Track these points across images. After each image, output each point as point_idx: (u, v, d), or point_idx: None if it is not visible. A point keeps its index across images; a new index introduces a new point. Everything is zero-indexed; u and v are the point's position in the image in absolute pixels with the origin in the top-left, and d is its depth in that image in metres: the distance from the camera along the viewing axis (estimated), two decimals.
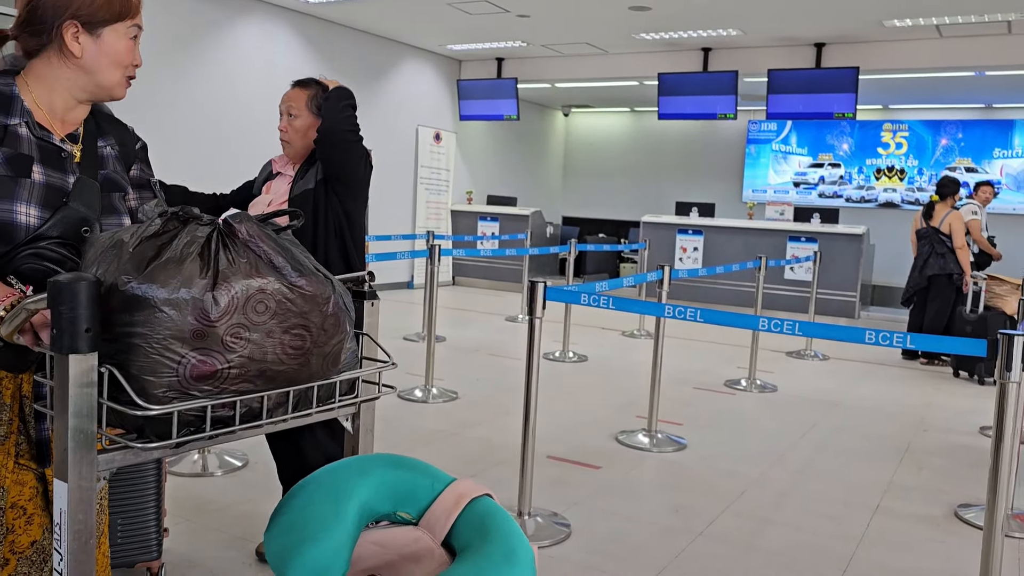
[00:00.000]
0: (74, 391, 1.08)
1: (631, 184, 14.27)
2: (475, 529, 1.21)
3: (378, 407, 4.27)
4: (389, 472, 1.27)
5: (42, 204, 1.47)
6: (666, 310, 2.95)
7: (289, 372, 1.21)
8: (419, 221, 11.19)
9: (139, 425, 1.15)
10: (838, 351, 7.57)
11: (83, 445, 1.10)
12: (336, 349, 1.28)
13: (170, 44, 7.73)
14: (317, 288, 1.23)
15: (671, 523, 3.34)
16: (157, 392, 1.12)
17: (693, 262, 10.03)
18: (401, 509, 1.25)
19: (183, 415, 1.14)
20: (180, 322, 1.11)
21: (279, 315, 1.18)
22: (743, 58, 9.70)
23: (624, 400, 5.34)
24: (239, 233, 1.19)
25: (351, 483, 1.23)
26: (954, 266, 7.12)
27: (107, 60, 1.52)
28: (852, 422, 5.15)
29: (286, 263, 1.21)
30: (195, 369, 1.13)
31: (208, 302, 1.12)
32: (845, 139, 12.57)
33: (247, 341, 1.15)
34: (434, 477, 1.29)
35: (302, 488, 1.25)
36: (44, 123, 1.53)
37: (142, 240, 1.17)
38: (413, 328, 7.64)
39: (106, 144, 1.66)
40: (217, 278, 1.13)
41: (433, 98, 11.35)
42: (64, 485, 1.10)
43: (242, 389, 1.18)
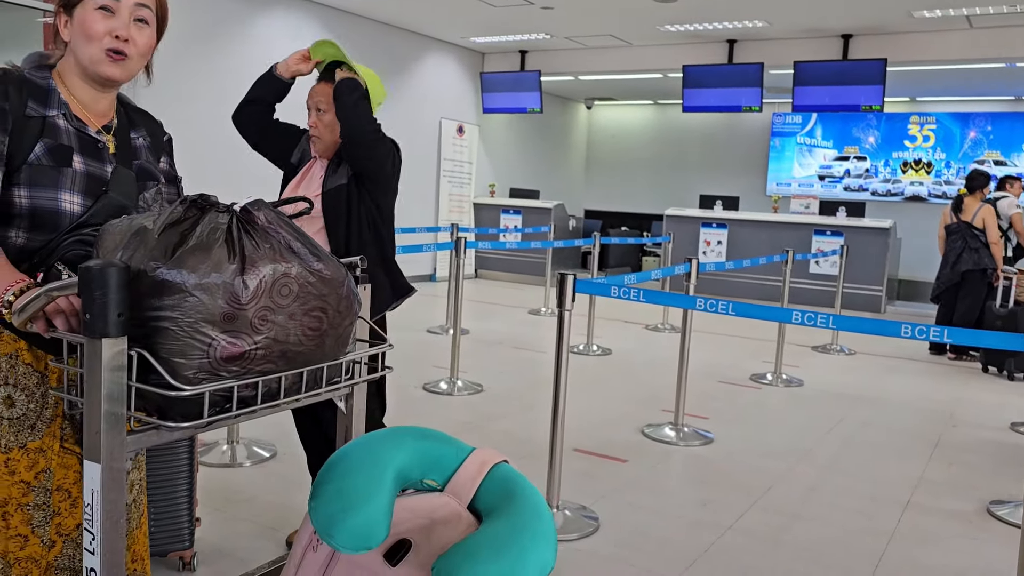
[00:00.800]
0: (106, 375, 1.11)
1: (654, 177, 14.20)
2: (499, 492, 1.29)
3: (404, 399, 4.32)
4: (418, 442, 1.35)
5: (84, 192, 1.51)
6: (697, 303, 2.94)
7: (307, 353, 1.27)
8: (442, 214, 11.20)
9: (162, 406, 1.19)
10: (864, 346, 7.50)
11: (114, 427, 1.13)
12: (347, 331, 1.35)
13: (193, 38, 7.79)
14: (334, 271, 1.29)
15: (699, 517, 3.33)
16: (187, 374, 1.16)
17: (717, 256, 9.97)
18: (428, 477, 1.33)
19: (210, 396, 1.18)
20: (211, 306, 1.15)
21: (301, 298, 1.23)
22: (769, 50, 9.61)
23: (649, 394, 5.33)
24: (258, 220, 1.23)
25: (387, 453, 1.30)
26: (988, 261, 7.00)
27: (80, 37, 1.53)
28: (880, 417, 5.11)
29: (303, 248, 1.25)
30: (225, 351, 1.17)
31: (238, 286, 1.16)
32: (871, 132, 12.43)
33: (273, 323, 1.20)
34: (457, 446, 1.37)
35: (342, 459, 1.32)
36: (80, 115, 1.57)
37: (166, 227, 1.20)
38: (436, 321, 7.66)
39: (138, 135, 1.70)
40: (245, 263, 1.17)
41: (456, 91, 11.35)
42: (96, 466, 1.13)
43: (265, 370, 1.23)
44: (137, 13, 1.55)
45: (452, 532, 1.26)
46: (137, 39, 1.56)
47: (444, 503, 1.30)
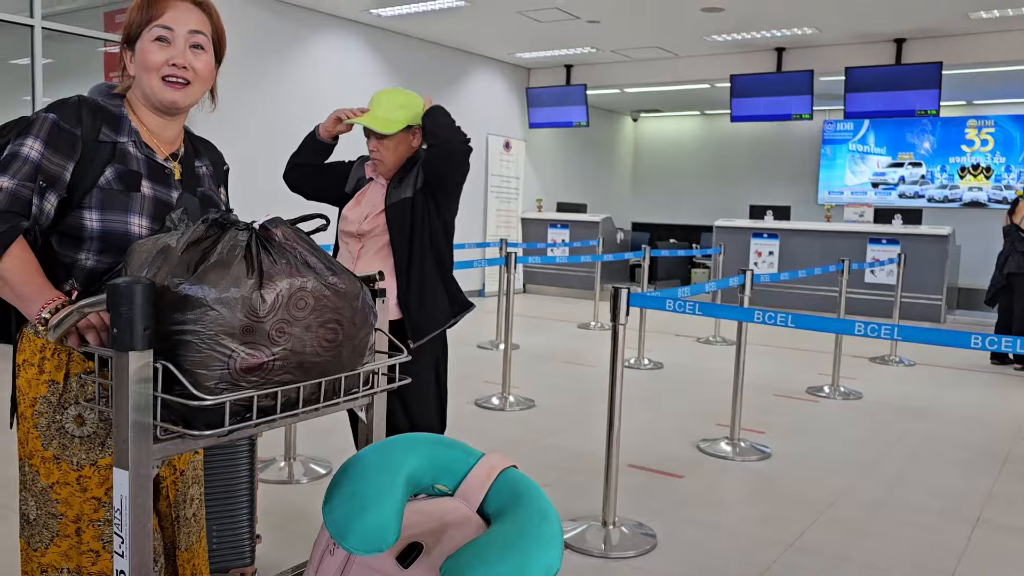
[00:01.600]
0: (133, 386, 1.17)
1: (702, 188, 14.07)
2: (507, 496, 1.32)
3: (456, 415, 4.32)
4: (429, 448, 1.39)
5: (152, 216, 1.57)
6: (755, 315, 2.89)
7: (324, 363, 1.33)
8: (489, 229, 11.24)
9: (187, 416, 1.24)
10: (924, 356, 7.29)
11: (141, 436, 1.19)
12: (363, 342, 1.40)
13: (245, 61, 7.97)
14: (349, 285, 1.35)
15: (759, 534, 3.26)
16: (209, 384, 1.22)
17: (769, 266, 9.81)
18: (439, 482, 1.37)
19: (232, 405, 1.24)
20: (231, 319, 1.21)
21: (316, 310, 1.29)
22: (819, 57, 9.47)
23: (703, 408, 5.25)
24: (275, 237, 1.29)
25: (400, 457, 1.35)
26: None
27: (141, 68, 1.59)
28: (944, 430, 4.95)
29: (319, 262, 1.31)
30: (244, 362, 1.22)
31: (256, 300, 1.22)
32: (926, 137, 12.14)
33: (290, 335, 1.26)
34: (467, 452, 1.41)
35: (356, 463, 1.37)
36: (149, 142, 1.63)
37: (188, 245, 1.26)
38: (486, 336, 7.67)
39: (202, 164, 1.77)
40: (263, 278, 1.24)
41: (502, 106, 11.41)
42: (124, 473, 1.18)
43: (284, 380, 1.28)
44: (192, 40, 1.60)
45: (462, 535, 1.29)
46: (195, 64, 1.61)
47: (455, 507, 1.34)
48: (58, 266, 1.53)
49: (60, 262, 1.53)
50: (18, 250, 1.46)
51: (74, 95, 1.61)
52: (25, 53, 6.66)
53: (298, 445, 3.92)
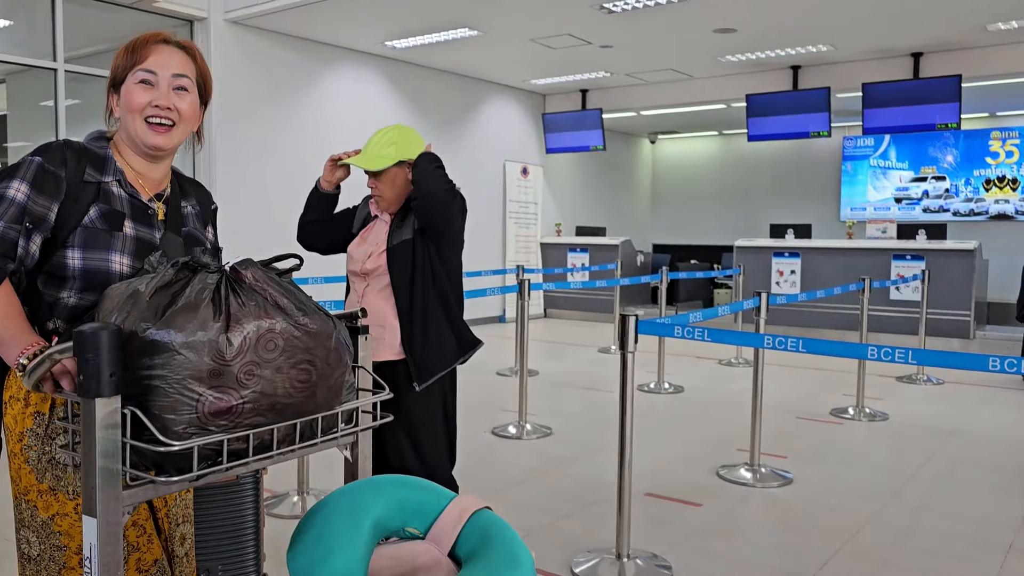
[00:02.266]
0: (100, 433, 1.16)
1: (722, 208, 13.98)
2: (479, 539, 1.31)
3: (472, 445, 4.28)
4: (399, 491, 1.38)
5: (133, 255, 1.59)
6: (765, 341, 2.82)
7: (297, 404, 1.32)
8: (509, 255, 11.24)
9: (158, 462, 1.24)
10: (953, 374, 7.13)
11: (109, 483, 1.18)
12: (339, 381, 1.38)
13: (262, 96, 8.07)
14: (321, 325, 1.34)
15: (780, 565, 3.16)
16: (178, 429, 1.22)
17: (791, 286, 9.68)
18: (409, 524, 1.36)
19: (201, 449, 1.23)
20: (198, 363, 1.21)
21: (287, 352, 1.29)
22: (835, 73, 9.39)
23: (724, 432, 5.16)
24: (246, 279, 1.29)
25: (366, 501, 1.34)
26: None
27: (125, 111, 1.63)
28: (974, 452, 4.81)
29: (290, 303, 1.31)
30: (212, 406, 1.22)
31: (223, 343, 1.22)
32: (949, 150, 11.97)
33: (259, 377, 1.26)
34: (439, 493, 1.40)
35: (322, 507, 1.36)
36: (133, 182, 1.66)
37: (157, 289, 1.27)
38: (506, 363, 7.63)
39: (188, 204, 1.78)
40: (230, 321, 1.24)
41: (519, 133, 11.44)
42: (93, 521, 1.17)
43: (255, 422, 1.27)
44: (176, 83, 1.64)
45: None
46: (179, 106, 1.64)
47: (425, 550, 1.32)
48: (43, 305, 1.57)
49: (44, 301, 1.57)
50: (2, 293, 1.49)
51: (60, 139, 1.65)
52: (51, 95, 6.80)
53: (311, 479, 3.89)
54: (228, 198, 7.66)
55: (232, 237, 8.05)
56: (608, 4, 7.13)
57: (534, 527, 3.52)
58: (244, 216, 7.70)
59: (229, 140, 7.68)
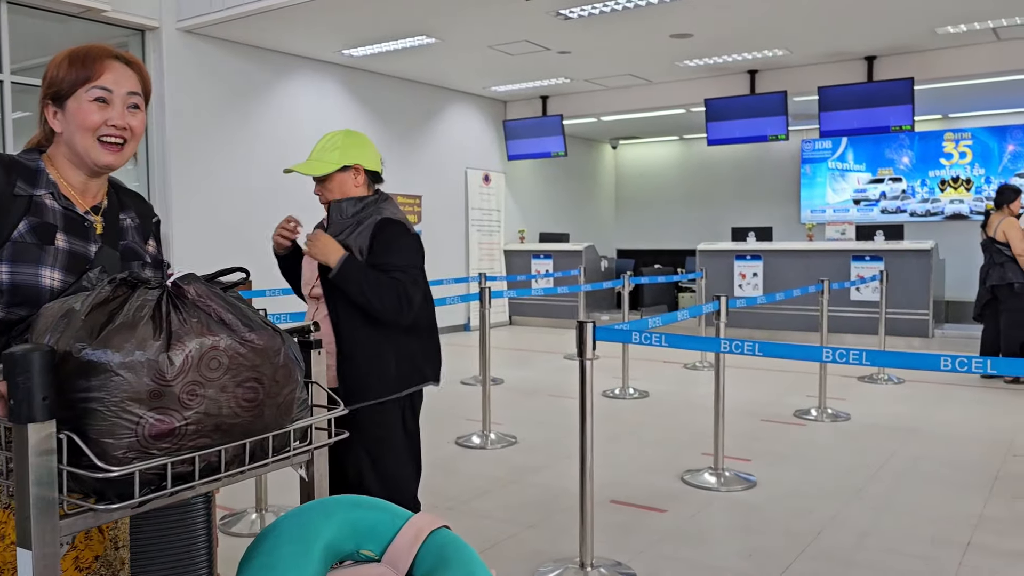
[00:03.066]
0: (33, 459, 1.09)
1: (684, 213, 14.08)
2: (435, 560, 1.26)
3: (437, 456, 4.19)
4: (351, 512, 1.33)
5: (66, 269, 1.54)
6: (722, 345, 2.81)
7: (244, 424, 1.25)
8: (472, 263, 11.19)
9: (98, 488, 1.18)
10: (913, 374, 7.22)
11: (45, 513, 1.11)
12: (288, 399, 1.32)
13: (220, 106, 7.94)
14: (267, 341, 1.28)
15: (745, 569, 3.15)
16: (117, 454, 1.15)
17: (753, 288, 9.77)
18: (364, 547, 1.30)
19: (143, 474, 1.17)
20: (136, 384, 1.15)
21: (232, 370, 1.22)
22: (791, 77, 9.51)
23: (688, 437, 5.16)
24: (188, 294, 1.23)
25: (316, 525, 1.28)
26: (1014, 275, 6.93)
27: (74, 128, 1.58)
28: (934, 450, 4.87)
29: (235, 319, 1.25)
30: (153, 428, 1.16)
31: (163, 362, 1.16)
32: (905, 152, 12.18)
33: (203, 397, 1.19)
34: (393, 513, 1.34)
35: (269, 533, 1.30)
36: (68, 195, 1.61)
37: (93, 307, 1.20)
38: (471, 371, 7.57)
39: (127, 216, 1.72)
40: (171, 339, 1.18)
41: (480, 140, 11.41)
42: (28, 554, 1.10)
43: (200, 444, 1.21)
44: (130, 101, 1.61)
45: None
46: (132, 124, 1.61)
47: (380, 574, 1.27)
48: None
49: None
50: None
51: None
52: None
53: (269, 496, 3.81)
54: (182, 212, 7.52)
55: (187, 252, 7.90)
56: (564, 10, 7.14)
57: (499, 538, 3.48)
58: (199, 230, 7.56)
59: (183, 152, 7.54)
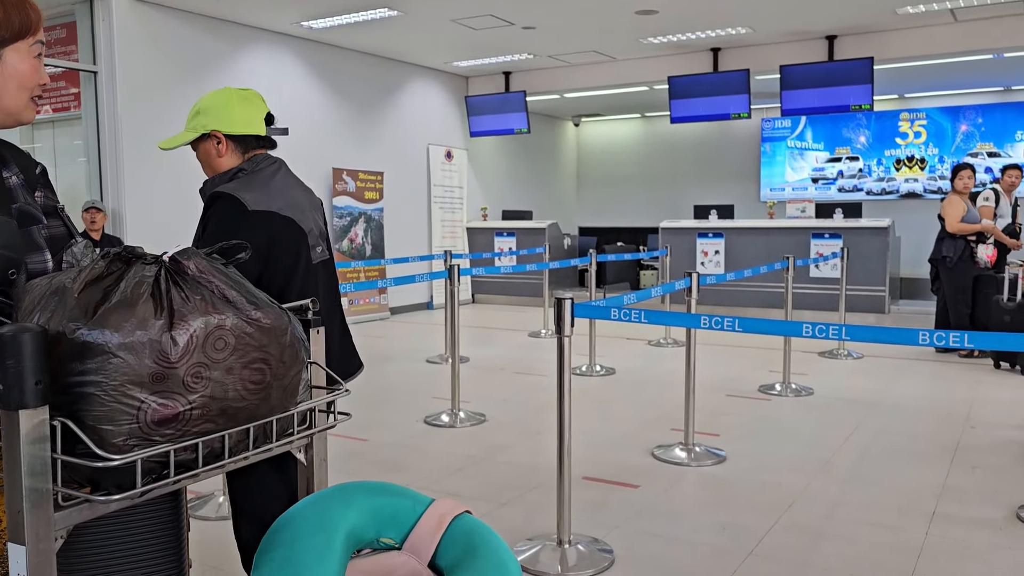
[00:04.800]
0: (26, 448, 1.02)
1: (647, 190, 14.13)
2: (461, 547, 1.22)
3: (405, 435, 4.10)
4: (370, 498, 1.27)
5: None
6: (702, 321, 2.81)
7: (250, 408, 1.19)
8: (435, 240, 11.10)
9: (94, 477, 1.10)
10: (871, 348, 7.36)
11: (38, 505, 1.04)
12: (295, 381, 1.26)
13: (177, 79, 7.70)
14: (274, 320, 1.20)
15: (719, 543, 3.18)
16: (117, 441, 1.08)
17: (715, 265, 9.85)
18: (384, 535, 1.25)
19: (144, 462, 1.10)
20: (137, 366, 1.07)
21: (238, 350, 1.15)
22: (754, 56, 9.56)
23: (657, 413, 5.18)
24: (188, 270, 1.15)
25: (336, 513, 1.23)
26: (947, 249, 7.21)
27: (12, 83, 1.40)
28: (895, 423, 4.96)
29: (239, 296, 1.18)
30: (156, 413, 1.09)
31: (167, 343, 1.08)
32: (862, 131, 12.37)
33: (208, 380, 1.12)
34: (414, 499, 1.29)
35: (287, 523, 1.24)
36: None
37: (87, 284, 1.12)
38: (435, 350, 7.52)
39: (11, 174, 1.50)
40: (173, 318, 1.10)
41: (442, 116, 11.28)
42: (21, 548, 1.03)
43: (204, 429, 1.14)
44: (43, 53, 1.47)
45: None
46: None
47: (403, 562, 1.23)
48: None
49: None
50: None
51: None
52: None
53: None
54: (135, 188, 7.30)
55: (141, 228, 7.66)
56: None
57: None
58: (152, 207, 7.35)
59: (135, 127, 7.30)
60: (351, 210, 9.65)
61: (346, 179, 9.58)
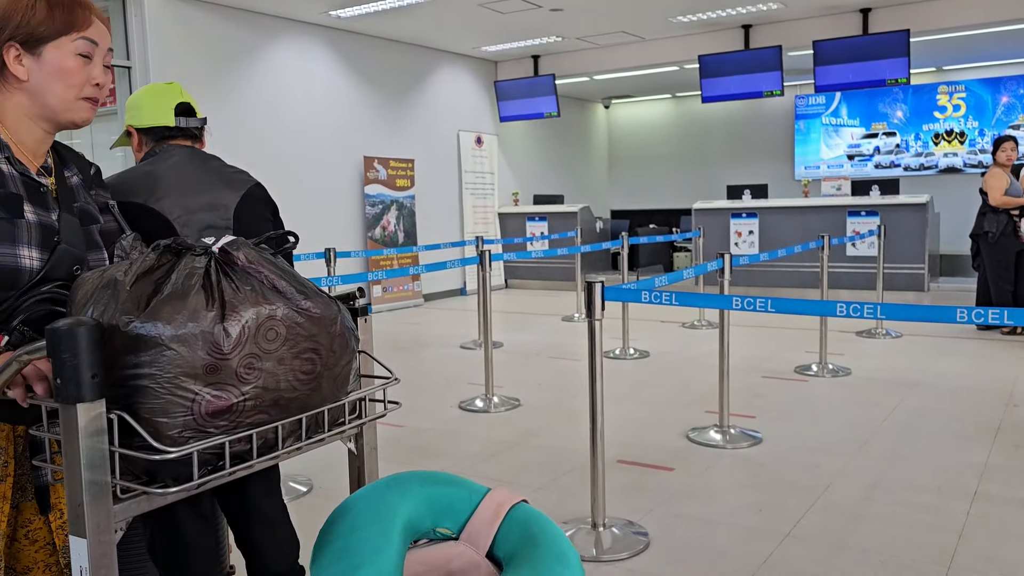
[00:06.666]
0: (84, 442, 1.03)
1: (679, 171, 14.01)
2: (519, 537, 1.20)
3: (440, 421, 4.16)
4: (426, 488, 1.26)
5: (40, 245, 1.39)
6: (734, 302, 2.79)
7: (302, 398, 1.19)
8: (467, 227, 11.12)
9: (150, 469, 1.11)
10: (910, 327, 7.25)
11: (98, 497, 1.05)
12: (345, 370, 1.26)
13: (207, 71, 7.79)
14: (324, 309, 1.20)
15: (755, 525, 3.17)
16: (172, 433, 1.08)
17: (749, 246, 9.75)
18: (441, 524, 1.24)
19: (200, 454, 1.10)
20: (191, 358, 1.07)
21: (289, 340, 1.15)
22: (786, 32, 9.39)
23: (691, 395, 5.16)
24: (238, 260, 1.15)
25: (393, 503, 1.22)
26: (988, 224, 7.07)
27: (53, 80, 1.40)
28: (935, 402, 4.89)
29: (289, 286, 1.17)
30: (210, 405, 1.09)
31: (219, 334, 1.08)
32: (899, 106, 12.11)
33: (260, 371, 1.12)
34: (470, 489, 1.28)
35: (345, 514, 1.24)
36: (21, 158, 1.44)
37: (138, 277, 1.12)
38: (469, 336, 7.56)
39: (72, 174, 1.56)
40: (225, 308, 1.10)
41: (472, 102, 11.27)
42: (82, 541, 1.04)
43: (257, 420, 1.14)
44: (108, 58, 1.48)
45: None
46: (105, 84, 1.48)
47: (460, 552, 1.21)
48: None
49: None
50: None
51: None
52: None
53: None
54: None
55: None
56: None
57: None
58: None
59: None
60: (383, 198, 9.70)
61: (377, 167, 9.62)
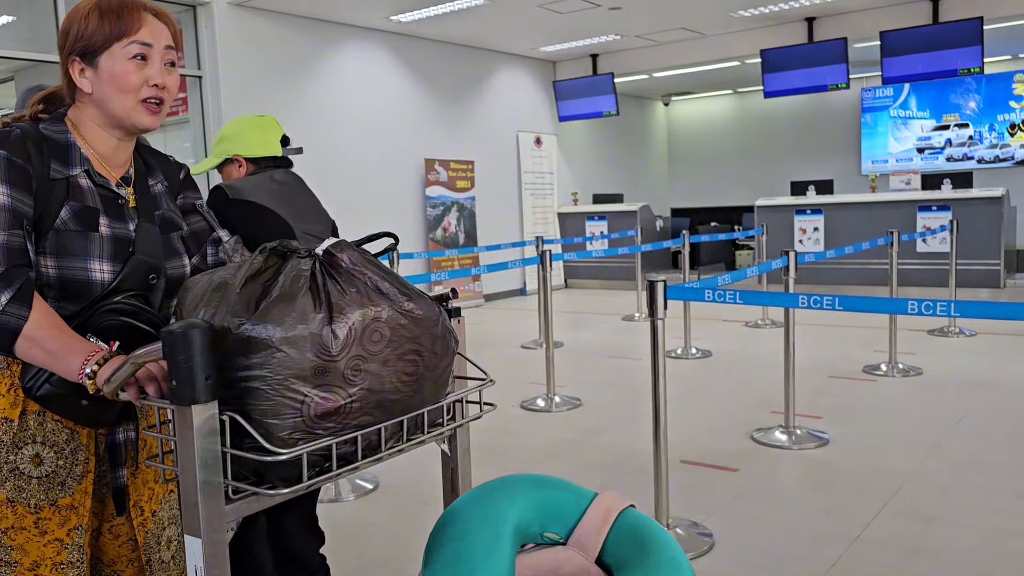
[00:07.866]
0: (199, 443, 1.05)
1: (741, 168, 13.79)
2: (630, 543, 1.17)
3: (502, 420, 4.18)
4: (534, 492, 1.24)
5: (112, 258, 1.44)
6: (800, 300, 2.75)
7: (404, 400, 1.19)
8: (527, 227, 11.15)
9: (259, 470, 1.12)
10: (985, 324, 7.00)
11: (212, 497, 1.07)
12: (446, 372, 1.26)
13: (273, 78, 7.99)
14: (427, 311, 1.20)
15: (823, 527, 3.11)
16: (282, 435, 1.09)
17: (814, 243, 9.55)
18: (549, 529, 1.22)
19: (308, 455, 1.11)
20: (300, 360, 1.08)
21: (393, 342, 1.15)
22: (851, 23, 9.17)
23: (755, 395, 5.09)
24: (342, 262, 1.15)
25: (502, 507, 1.20)
26: None
27: (111, 89, 1.43)
28: (1011, 404, 4.72)
29: (392, 288, 1.17)
30: (319, 407, 1.10)
31: (327, 336, 1.08)
32: (971, 96, 11.71)
33: (366, 372, 1.12)
34: (577, 493, 1.25)
35: (454, 517, 1.23)
36: (101, 171, 1.48)
37: (247, 279, 1.13)
38: (530, 335, 7.58)
39: (156, 182, 1.60)
40: (332, 311, 1.10)
41: (531, 102, 11.30)
42: (197, 541, 1.07)
43: (362, 422, 1.15)
44: (167, 57, 1.48)
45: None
46: (169, 83, 1.48)
47: (569, 557, 1.19)
48: None
49: None
50: (39, 305, 1.34)
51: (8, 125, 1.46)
52: None
53: None
54: None
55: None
56: None
57: None
58: None
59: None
60: (443, 199, 9.80)
61: (438, 169, 9.73)
